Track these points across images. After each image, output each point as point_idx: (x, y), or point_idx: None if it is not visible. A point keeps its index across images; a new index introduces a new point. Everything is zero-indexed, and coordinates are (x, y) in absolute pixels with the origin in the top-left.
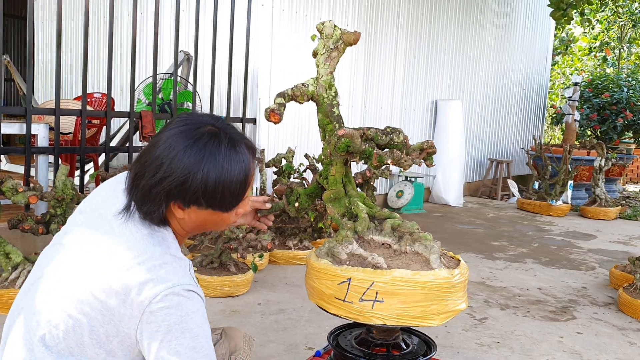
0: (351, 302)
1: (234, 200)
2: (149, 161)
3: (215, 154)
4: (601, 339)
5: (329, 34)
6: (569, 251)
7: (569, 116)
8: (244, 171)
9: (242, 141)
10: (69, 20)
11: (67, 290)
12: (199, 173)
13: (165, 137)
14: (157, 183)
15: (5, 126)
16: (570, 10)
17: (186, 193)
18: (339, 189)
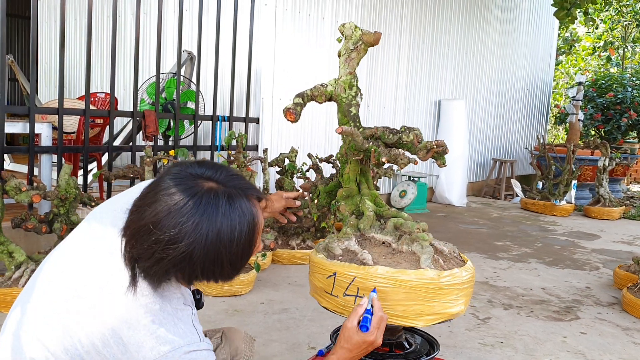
0: (337, 297)
1: (236, 271)
2: (144, 238)
3: (213, 221)
4: (605, 339)
5: (349, 35)
6: (572, 251)
7: (572, 116)
8: (248, 233)
9: (244, 195)
10: (73, 20)
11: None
12: (199, 250)
13: (159, 207)
14: (157, 262)
15: (9, 125)
16: (574, 9)
17: (185, 271)
18: (352, 187)
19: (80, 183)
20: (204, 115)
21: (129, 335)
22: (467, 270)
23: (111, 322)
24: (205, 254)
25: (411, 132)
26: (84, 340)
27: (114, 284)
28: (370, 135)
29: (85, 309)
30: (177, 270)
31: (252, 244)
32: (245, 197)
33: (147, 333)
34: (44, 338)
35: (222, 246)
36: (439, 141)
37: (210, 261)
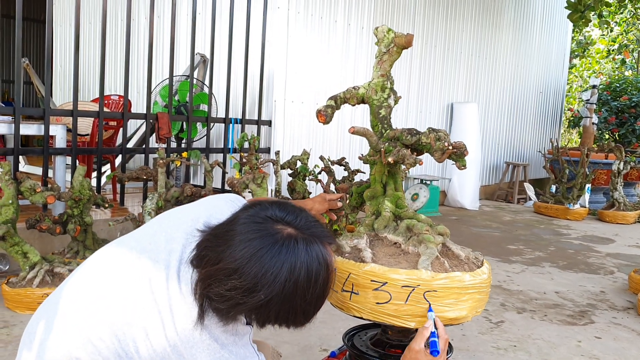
0: (337, 292)
1: (308, 320)
2: (220, 276)
3: (293, 269)
4: (620, 344)
5: (381, 38)
6: (586, 255)
7: (586, 119)
8: (323, 286)
9: (321, 242)
10: (87, 24)
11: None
12: (274, 299)
13: (240, 255)
14: (228, 309)
15: (24, 127)
16: (588, 12)
17: (259, 317)
18: (377, 187)
19: (94, 184)
20: (217, 118)
21: (191, 353)
22: (473, 275)
23: (174, 340)
24: (282, 303)
25: (432, 134)
26: (141, 351)
27: (177, 310)
28: (392, 136)
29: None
30: (252, 315)
31: (325, 292)
32: (321, 245)
33: (208, 353)
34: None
35: (297, 296)
36: (457, 142)
37: (285, 310)
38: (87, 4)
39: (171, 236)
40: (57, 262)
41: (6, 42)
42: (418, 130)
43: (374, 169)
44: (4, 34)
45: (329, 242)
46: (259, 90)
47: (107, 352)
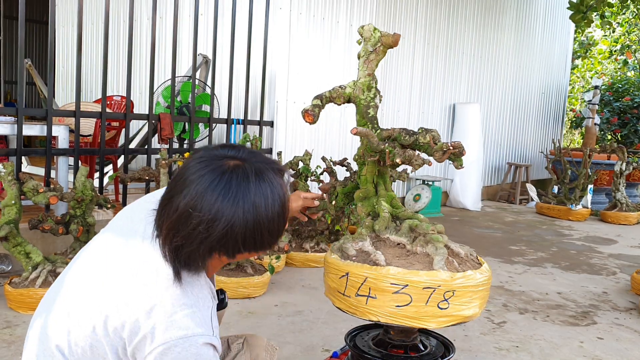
0: (349, 297)
1: (279, 235)
2: (183, 226)
3: (247, 195)
4: (622, 345)
5: (368, 37)
6: (589, 256)
7: (588, 120)
8: (280, 203)
9: (269, 168)
10: (89, 25)
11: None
12: (237, 223)
13: (193, 191)
14: (198, 247)
15: (27, 128)
16: (590, 13)
17: (229, 246)
18: (369, 188)
19: (97, 185)
20: (219, 119)
21: (145, 320)
22: (482, 272)
23: (136, 307)
24: (245, 226)
25: (428, 134)
26: (108, 325)
27: (144, 270)
28: (387, 136)
29: (113, 296)
30: (221, 246)
31: (285, 210)
32: (270, 170)
33: (164, 316)
34: (71, 327)
35: (259, 216)
36: (455, 142)
37: (250, 232)
38: (89, 5)
39: (139, 217)
40: (60, 263)
41: (9, 43)
42: (414, 130)
43: (364, 170)
44: (6, 35)
45: (275, 167)
46: (261, 91)
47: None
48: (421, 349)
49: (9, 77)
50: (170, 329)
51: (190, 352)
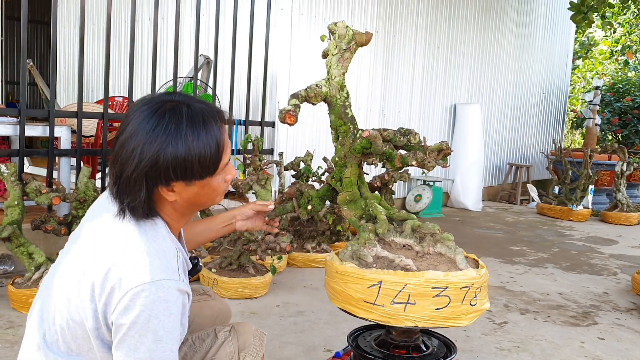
0: (382, 305)
1: (212, 166)
2: (121, 154)
3: (180, 127)
4: (623, 345)
5: (342, 35)
6: (590, 256)
7: (589, 120)
8: (212, 136)
9: (204, 108)
10: (91, 25)
11: (62, 290)
12: (168, 150)
13: (131, 128)
14: (131, 173)
15: (29, 129)
16: (591, 13)
17: (161, 172)
18: (355, 190)
19: (99, 186)
20: None
21: (111, 274)
22: (483, 267)
23: (101, 265)
24: (176, 154)
25: (416, 135)
26: (80, 291)
27: (105, 233)
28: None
29: (81, 263)
30: (155, 173)
31: (219, 147)
32: (206, 110)
33: (128, 266)
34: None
35: (189, 146)
36: (444, 142)
37: (181, 161)
38: (91, 5)
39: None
40: None
41: (10, 43)
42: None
43: (348, 171)
44: (8, 36)
45: (213, 109)
46: (263, 92)
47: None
48: (423, 350)
49: (10, 78)
50: (136, 276)
51: (158, 295)
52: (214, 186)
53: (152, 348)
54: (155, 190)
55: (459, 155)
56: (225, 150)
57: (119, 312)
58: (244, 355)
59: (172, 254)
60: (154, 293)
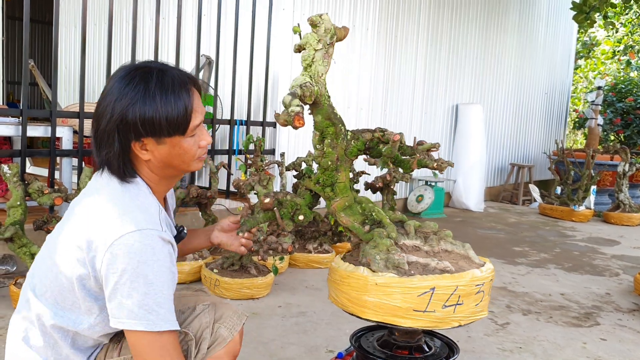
0: (433, 311)
1: (180, 126)
2: (98, 111)
3: (149, 87)
4: (625, 346)
5: (328, 29)
6: (592, 257)
7: (591, 120)
8: (181, 98)
9: (177, 73)
10: (93, 25)
11: (52, 244)
12: (136, 106)
13: (108, 88)
14: (105, 126)
15: (31, 129)
16: (593, 13)
17: (131, 127)
18: (351, 195)
19: None
20: (222, 120)
21: (98, 230)
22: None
23: (89, 224)
24: (144, 110)
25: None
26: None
27: (92, 197)
28: (371, 139)
29: (76, 222)
30: (125, 127)
31: (187, 107)
32: (178, 71)
33: (113, 220)
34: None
35: (157, 104)
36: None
37: (149, 117)
38: (93, 5)
39: None
40: None
41: (11, 43)
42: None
43: (342, 176)
44: (9, 36)
45: (185, 74)
46: (264, 92)
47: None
48: (426, 350)
49: (11, 78)
50: (122, 226)
51: (144, 243)
52: (185, 147)
53: (145, 292)
54: (130, 147)
55: (461, 155)
56: (194, 113)
57: (107, 263)
58: (219, 326)
59: (154, 209)
60: (139, 241)
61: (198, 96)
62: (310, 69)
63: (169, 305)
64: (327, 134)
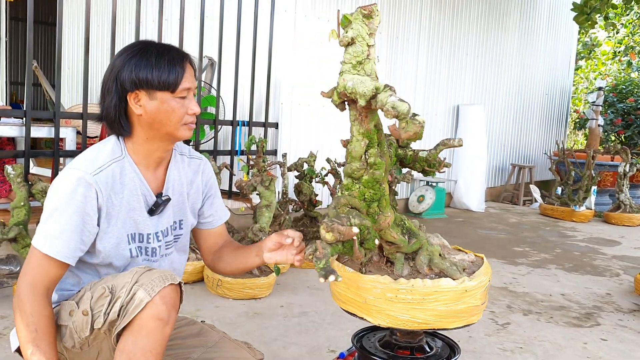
0: (484, 303)
1: (170, 84)
2: (105, 74)
3: (147, 51)
4: (626, 346)
5: (378, 22)
6: (592, 257)
7: (592, 121)
8: (174, 64)
9: (174, 47)
10: (95, 26)
11: None
12: (132, 61)
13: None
14: (107, 78)
15: (35, 130)
16: (593, 14)
17: (126, 78)
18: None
19: None
20: (224, 120)
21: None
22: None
23: None
24: (140, 63)
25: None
26: None
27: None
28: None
29: None
30: (122, 77)
31: (177, 70)
32: (176, 48)
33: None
34: None
35: (152, 61)
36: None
37: (144, 69)
38: (96, 6)
39: None
40: None
41: (15, 44)
42: None
43: (385, 189)
44: (12, 37)
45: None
46: (266, 93)
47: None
48: (427, 350)
49: (15, 78)
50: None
51: (62, 179)
52: (173, 106)
53: (47, 217)
54: (126, 98)
55: (462, 156)
56: (184, 77)
57: None
58: (137, 288)
59: (106, 158)
60: (61, 177)
61: (191, 70)
62: (361, 66)
63: (64, 236)
64: (373, 143)
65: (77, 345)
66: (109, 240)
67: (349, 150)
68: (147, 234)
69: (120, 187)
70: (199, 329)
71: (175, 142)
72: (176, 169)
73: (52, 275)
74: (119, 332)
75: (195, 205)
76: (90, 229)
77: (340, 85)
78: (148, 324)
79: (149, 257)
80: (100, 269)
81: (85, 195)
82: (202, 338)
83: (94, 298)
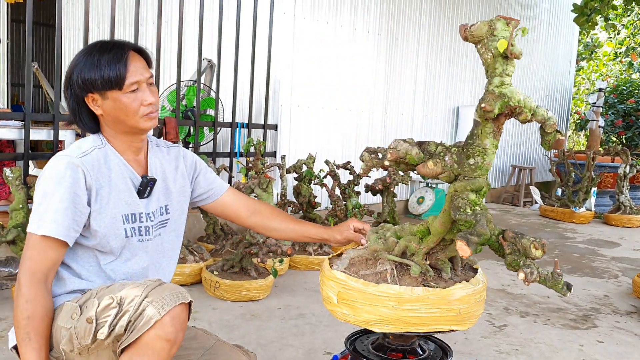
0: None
1: (115, 82)
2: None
3: (92, 52)
4: (622, 348)
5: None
6: (591, 259)
7: (593, 122)
8: (116, 58)
9: (120, 41)
10: (96, 28)
11: None
12: (79, 65)
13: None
14: (63, 85)
15: (34, 132)
16: (594, 15)
17: (76, 82)
18: None
19: None
20: (224, 122)
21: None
22: None
23: None
24: (84, 66)
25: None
26: None
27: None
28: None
29: None
30: (73, 83)
31: (119, 65)
32: (125, 41)
33: None
34: None
35: (94, 60)
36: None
37: (88, 72)
38: (95, 8)
39: None
40: None
41: (15, 46)
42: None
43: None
44: (13, 38)
45: (130, 43)
46: (265, 95)
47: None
48: (419, 353)
49: (15, 80)
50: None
51: (51, 164)
52: (125, 102)
53: (39, 202)
54: (83, 101)
55: None
56: (129, 73)
57: None
58: (147, 304)
59: (89, 145)
60: (50, 162)
61: (138, 62)
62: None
63: (57, 216)
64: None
65: (76, 351)
66: (104, 220)
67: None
68: (139, 213)
69: (106, 171)
70: (194, 334)
71: (143, 133)
72: (155, 156)
73: (51, 257)
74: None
75: (184, 188)
76: (81, 208)
77: (514, 98)
78: (155, 344)
79: (142, 236)
80: (99, 256)
81: (73, 177)
82: (199, 341)
83: (100, 306)
